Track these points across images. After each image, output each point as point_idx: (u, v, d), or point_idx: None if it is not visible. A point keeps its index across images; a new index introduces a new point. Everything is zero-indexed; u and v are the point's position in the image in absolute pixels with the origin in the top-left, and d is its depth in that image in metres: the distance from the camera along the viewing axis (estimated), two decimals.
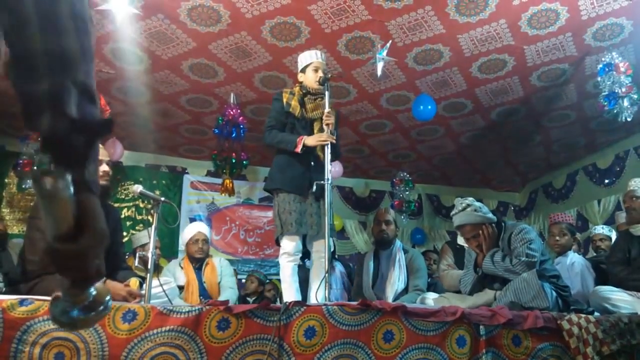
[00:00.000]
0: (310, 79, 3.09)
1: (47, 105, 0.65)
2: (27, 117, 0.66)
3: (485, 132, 5.94)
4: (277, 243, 3.06)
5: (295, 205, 2.95)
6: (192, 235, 4.07)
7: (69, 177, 0.62)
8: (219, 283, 4.06)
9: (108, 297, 0.69)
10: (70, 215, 0.62)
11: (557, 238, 3.83)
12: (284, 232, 2.94)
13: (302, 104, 3.09)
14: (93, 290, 0.67)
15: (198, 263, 4.04)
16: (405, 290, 3.68)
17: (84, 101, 0.68)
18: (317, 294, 2.72)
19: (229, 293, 3.94)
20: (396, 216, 4.13)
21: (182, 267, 4.05)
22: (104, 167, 2.64)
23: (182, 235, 4.28)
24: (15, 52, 0.66)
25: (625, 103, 3.92)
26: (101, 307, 0.69)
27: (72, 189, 0.62)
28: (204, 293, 3.88)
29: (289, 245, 2.94)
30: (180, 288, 3.91)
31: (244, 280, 5.79)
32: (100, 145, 2.71)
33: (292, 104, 3.07)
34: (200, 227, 4.16)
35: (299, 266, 3.17)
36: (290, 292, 2.90)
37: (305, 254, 3.25)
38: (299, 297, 2.87)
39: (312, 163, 3.01)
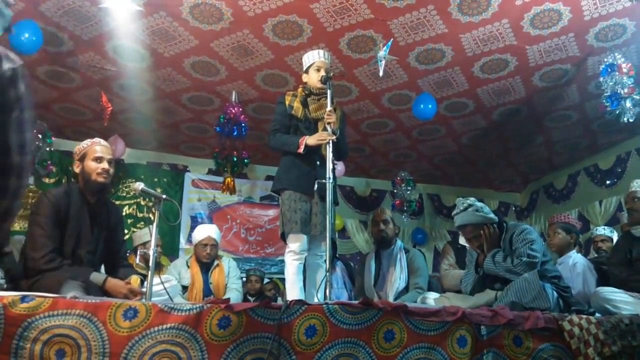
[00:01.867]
0: (313, 78, 3.08)
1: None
2: None
3: (487, 132, 5.93)
4: (283, 239, 3.06)
5: (301, 204, 2.95)
6: (201, 238, 4.06)
7: None
8: (226, 285, 4.06)
9: None
10: None
11: (550, 238, 3.83)
12: (288, 231, 2.94)
13: (305, 104, 3.09)
14: None
15: (205, 265, 4.04)
16: (406, 290, 3.69)
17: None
18: (318, 293, 2.72)
19: (234, 295, 3.93)
20: (393, 215, 4.12)
21: (188, 266, 4.05)
22: (105, 165, 2.63)
23: (193, 235, 4.27)
24: None
25: (628, 104, 3.91)
26: None
27: None
28: (209, 294, 3.88)
29: (295, 243, 2.94)
30: (185, 288, 3.90)
31: (243, 278, 5.78)
32: (104, 143, 2.72)
33: (294, 105, 3.07)
34: (210, 232, 4.12)
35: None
36: (293, 291, 2.89)
37: None
38: (302, 296, 2.86)
39: (318, 162, 3.00)
